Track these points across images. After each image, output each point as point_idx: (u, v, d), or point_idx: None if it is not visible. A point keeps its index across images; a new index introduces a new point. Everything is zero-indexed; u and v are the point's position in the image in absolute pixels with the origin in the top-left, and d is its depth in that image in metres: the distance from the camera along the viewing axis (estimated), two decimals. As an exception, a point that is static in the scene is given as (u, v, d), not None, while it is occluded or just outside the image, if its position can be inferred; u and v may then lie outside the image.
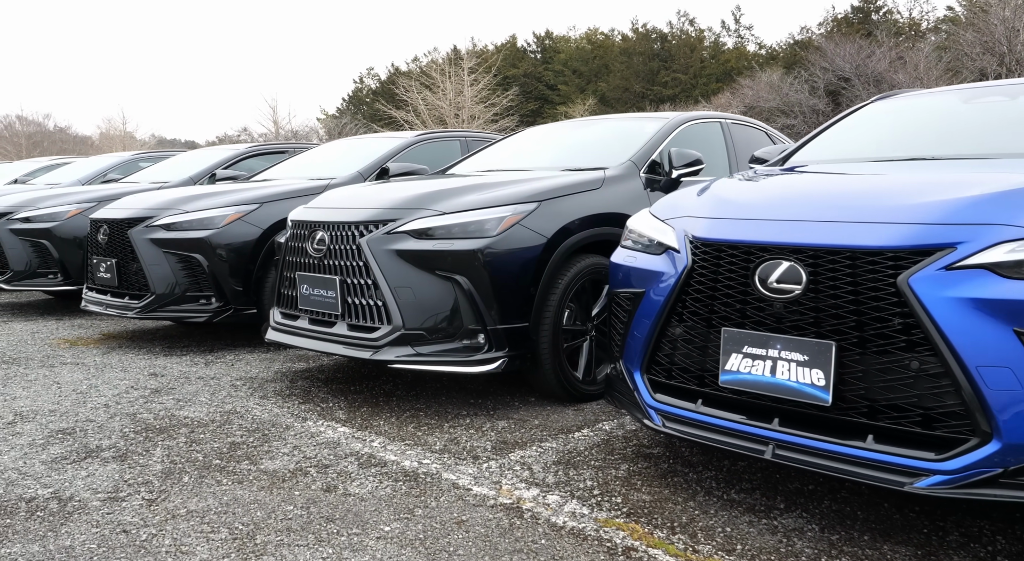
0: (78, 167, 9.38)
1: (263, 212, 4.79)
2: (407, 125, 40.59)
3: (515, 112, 43.42)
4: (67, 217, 6.27)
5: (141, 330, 5.53)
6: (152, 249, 4.67)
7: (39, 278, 6.26)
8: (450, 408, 3.40)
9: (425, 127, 40.39)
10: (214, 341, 5.06)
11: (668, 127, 4.18)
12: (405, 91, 40.29)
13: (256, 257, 4.73)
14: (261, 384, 3.88)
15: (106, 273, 4.90)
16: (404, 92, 40.35)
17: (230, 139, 51.83)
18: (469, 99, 40.68)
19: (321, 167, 5.94)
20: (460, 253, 3.17)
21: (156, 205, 4.85)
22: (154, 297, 4.65)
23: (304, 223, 3.61)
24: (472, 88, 40.47)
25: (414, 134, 5.94)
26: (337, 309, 3.40)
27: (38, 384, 3.90)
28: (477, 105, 41.07)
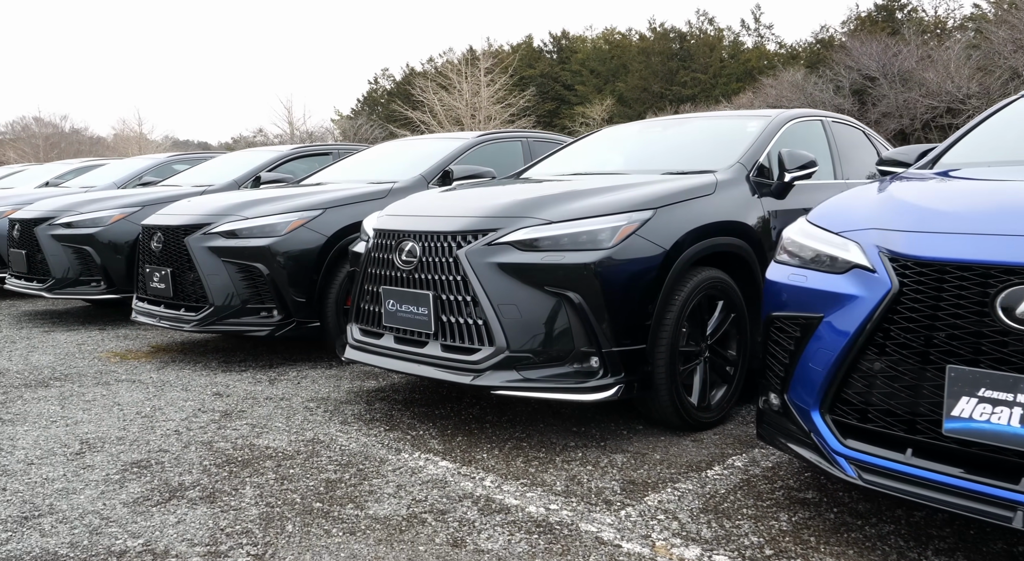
0: (112, 169, 9.16)
1: (327, 218, 4.50)
2: (423, 126, 40.39)
3: (532, 112, 43.12)
4: (111, 222, 6.02)
5: (191, 342, 5.26)
6: (211, 258, 4.38)
7: (81, 286, 6.01)
8: (554, 438, 3.08)
9: (441, 128, 40.15)
10: (271, 355, 4.77)
11: (774, 126, 3.84)
12: (422, 92, 40.09)
13: (320, 266, 4.43)
14: (337, 406, 3.59)
15: (160, 283, 4.63)
16: (421, 92, 40.14)
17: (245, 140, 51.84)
18: (486, 100, 40.41)
19: (379, 169, 5.65)
20: (572, 267, 2.85)
21: (214, 211, 4.57)
22: (212, 309, 4.36)
23: (390, 232, 3.30)
24: (489, 88, 40.20)
25: (475, 135, 5.63)
26: (430, 328, 3.09)
27: (98, 405, 3.62)
28: (494, 106, 40.81)
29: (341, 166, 6.05)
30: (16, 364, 4.58)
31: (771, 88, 38.04)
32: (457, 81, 40.35)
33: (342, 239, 4.51)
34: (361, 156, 6.24)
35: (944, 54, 33.44)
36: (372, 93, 61.35)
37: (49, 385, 4.04)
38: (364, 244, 3.62)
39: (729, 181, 3.42)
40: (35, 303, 7.34)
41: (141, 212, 6.11)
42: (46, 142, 49.16)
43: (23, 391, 3.91)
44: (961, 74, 31.06)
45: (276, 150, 7.37)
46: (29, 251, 6.20)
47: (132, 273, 6.00)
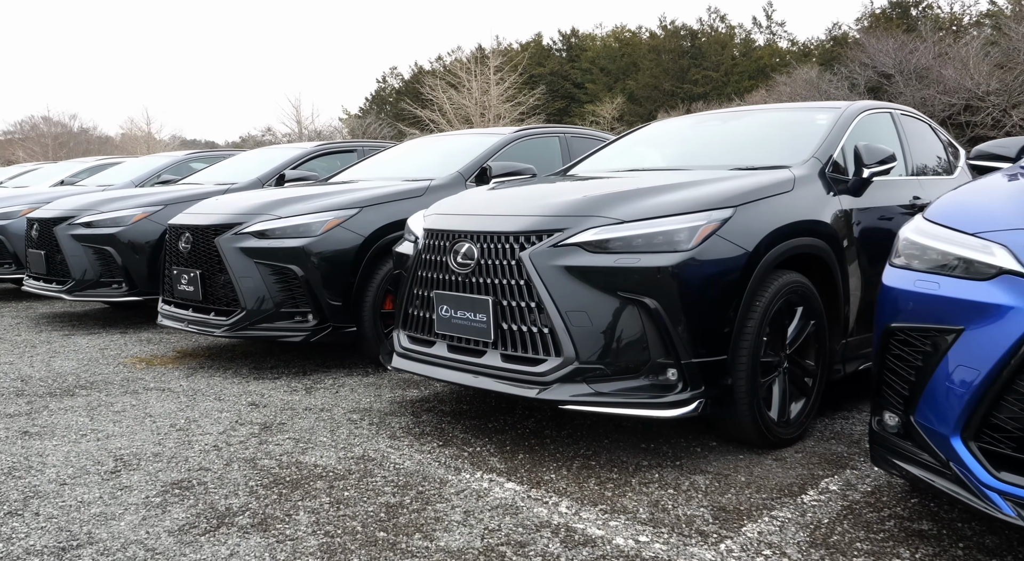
0: (128, 168, 8.98)
1: (363, 217, 4.28)
2: (432, 124, 40.21)
3: (541, 111, 42.88)
4: (132, 222, 5.82)
5: (218, 347, 5.05)
6: (243, 259, 4.17)
7: (102, 288, 5.81)
8: (623, 455, 2.85)
9: (451, 127, 39.96)
10: (304, 361, 4.55)
11: (846, 118, 3.59)
12: (431, 90, 39.90)
13: (356, 268, 4.21)
14: (382, 418, 3.36)
15: (188, 286, 4.42)
16: (430, 91, 39.95)
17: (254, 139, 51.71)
18: (495, 98, 40.19)
19: (412, 167, 5.42)
20: (648, 270, 2.61)
21: (245, 210, 4.35)
22: (244, 314, 4.15)
23: (443, 233, 3.07)
24: (498, 87, 39.97)
25: (511, 130, 5.40)
26: (489, 336, 2.86)
27: (128, 417, 3.41)
28: (503, 104, 40.60)
29: (370, 163, 5.83)
30: (39, 371, 4.38)
31: (785, 86, 37.67)
32: (466, 79, 40.14)
33: (379, 239, 4.29)
34: (390, 153, 6.01)
35: (962, 51, 32.99)
36: (380, 92, 61.20)
37: (75, 394, 3.84)
38: (410, 245, 3.39)
39: (806, 177, 3.17)
40: (52, 305, 7.15)
41: (164, 211, 5.91)
42: (55, 141, 49.18)
43: (48, 401, 3.70)
44: (980, 71, 30.60)
45: (299, 147, 7.16)
46: (48, 252, 6.01)
47: (154, 274, 5.80)
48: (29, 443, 3.04)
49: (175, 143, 50.64)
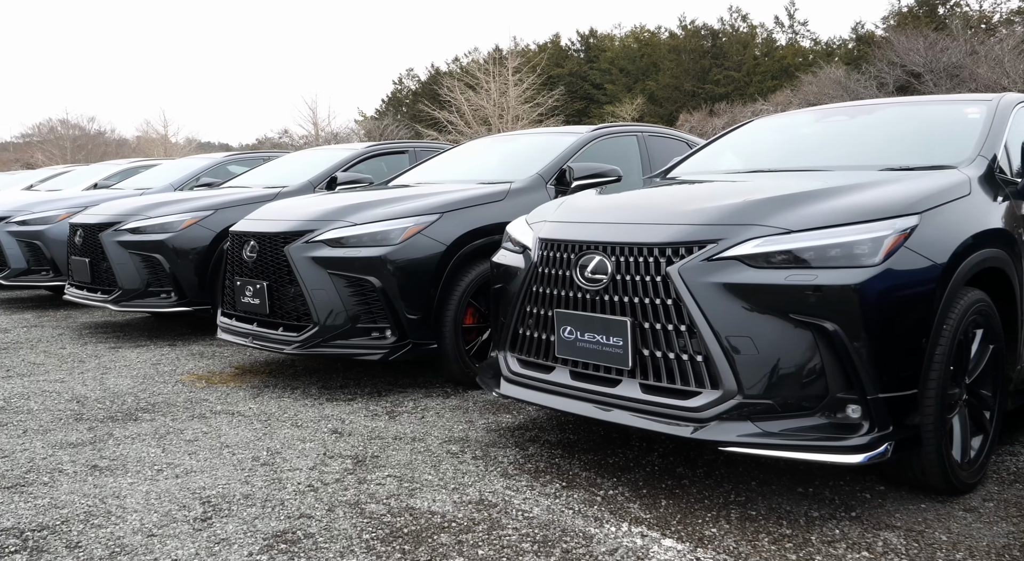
0: (165, 171, 8.69)
1: (445, 223, 3.92)
2: (450, 126, 39.95)
3: (560, 112, 42.49)
4: (182, 227, 5.50)
5: (278, 363, 4.71)
6: (315, 270, 3.82)
7: (150, 298, 5.50)
8: (784, 503, 2.46)
9: (469, 128, 39.69)
10: (374, 380, 4.20)
11: (1003, 112, 3.16)
12: (449, 91, 39.65)
13: (438, 279, 3.85)
14: (484, 450, 2.99)
15: (253, 298, 4.08)
16: (448, 92, 39.70)
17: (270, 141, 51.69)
18: (513, 99, 39.88)
19: (482, 168, 5.07)
20: (828, 289, 2.23)
21: (316, 216, 4.00)
22: (317, 329, 3.80)
23: (565, 243, 2.70)
24: (516, 88, 39.65)
25: (588, 129, 5.02)
26: (626, 363, 2.49)
27: (203, 447, 3.07)
28: (522, 105, 40.29)
29: (432, 166, 5.48)
30: (93, 390, 4.06)
31: (811, 85, 37.04)
32: (484, 81, 39.86)
33: (462, 248, 3.93)
34: (453, 154, 5.66)
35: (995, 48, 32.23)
36: (396, 93, 61.06)
37: (138, 418, 3.51)
38: (513, 255, 3.03)
39: (978, 179, 2.77)
40: (92, 314, 6.87)
41: (215, 216, 5.59)
42: (73, 144, 49.42)
43: (111, 426, 3.37)
44: (1016, 69, 29.87)
45: (349, 148, 6.83)
46: (93, 259, 5.71)
47: (205, 283, 5.48)
48: (101, 480, 2.70)
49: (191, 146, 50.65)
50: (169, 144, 49.52)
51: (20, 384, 4.20)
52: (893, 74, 34.40)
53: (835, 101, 35.13)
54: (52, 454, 3.00)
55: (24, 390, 4.06)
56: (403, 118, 52.15)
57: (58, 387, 4.13)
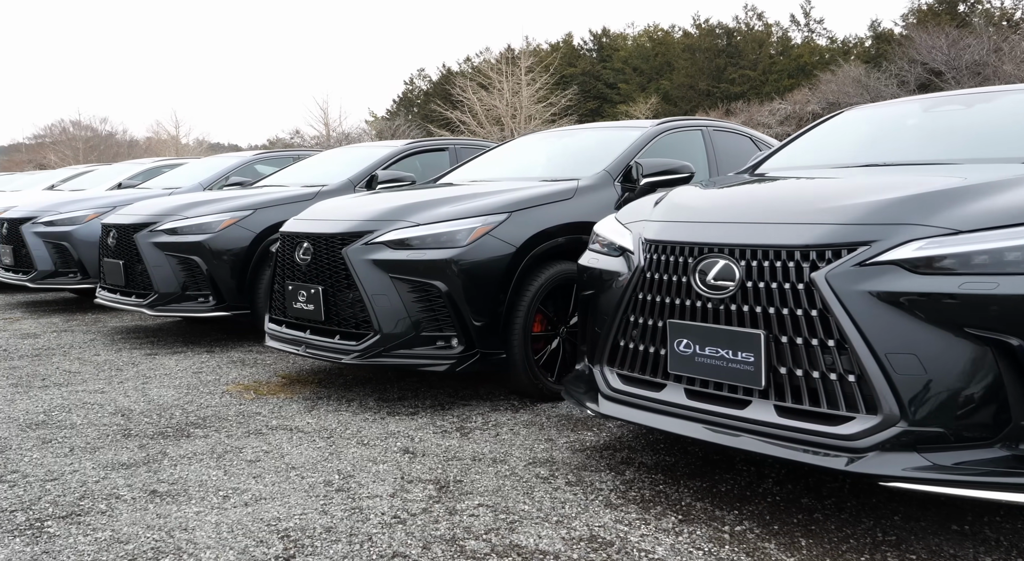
0: (193, 170, 8.47)
1: (513, 224, 3.64)
2: (463, 126, 39.71)
3: (574, 112, 42.18)
4: (220, 228, 5.25)
5: (324, 371, 4.45)
6: (376, 273, 3.54)
7: (188, 302, 5.25)
8: (940, 542, 2.16)
9: (482, 128, 39.46)
10: (433, 390, 3.92)
11: None
12: (462, 91, 39.43)
13: (507, 284, 3.57)
14: (577, 475, 2.71)
15: (307, 304, 3.81)
16: (461, 92, 39.48)
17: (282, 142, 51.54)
18: (526, 99, 39.61)
19: (541, 165, 4.79)
20: (1011, 300, 1.94)
21: (374, 215, 3.72)
22: (379, 338, 3.52)
23: (679, 245, 2.40)
24: (529, 87, 39.38)
25: (653, 124, 4.71)
26: (758, 382, 2.20)
27: (267, 469, 2.80)
28: (535, 105, 40.02)
29: (481, 163, 5.20)
30: (136, 402, 3.81)
31: (831, 83, 36.56)
32: (497, 80, 39.61)
33: (532, 249, 3.65)
34: (503, 151, 5.37)
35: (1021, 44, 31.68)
36: (407, 93, 60.91)
37: (190, 434, 3.24)
38: (606, 257, 2.74)
39: None
40: (122, 318, 6.63)
41: (254, 216, 5.34)
42: (85, 144, 49.49)
43: (163, 444, 3.11)
44: (1044, 66, 29.35)
45: (389, 145, 6.56)
46: (127, 261, 5.46)
47: (244, 287, 5.23)
48: (164, 509, 2.43)
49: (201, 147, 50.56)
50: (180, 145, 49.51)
51: (59, 395, 3.96)
52: (914, 72, 33.90)
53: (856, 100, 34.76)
54: (105, 476, 2.74)
55: (64, 402, 3.81)
56: (414, 118, 51.96)
57: (99, 398, 3.88)
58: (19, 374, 4.47)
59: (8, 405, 3.75)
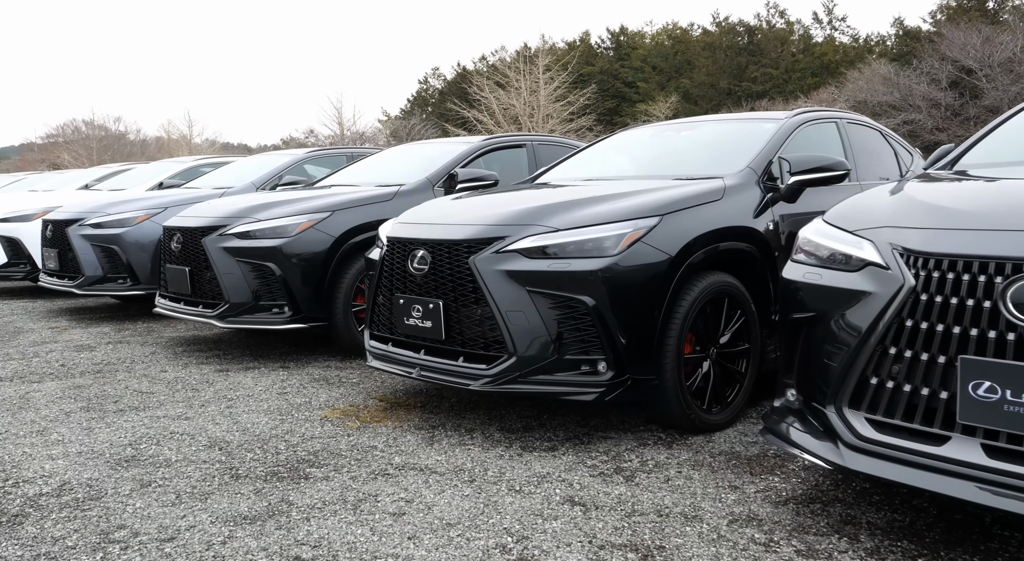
0: (240, 169, 8.02)
1: (667, 228, 3.14)
2: (480, 125, 39.27)
3: (592, 111, 41.66)
4: (297, 232, 4.80)
5: (419, 391, 3.98)
6: (510, 287, 3.06)
7: (261, 312, 4.80)
8: None
9: (499, 127, 38.98)
10: (560, 419, 3.43)
11: None
12: (479, 90, 39.00)
13: (662, 300, 3.09)
14: (801, 538, 2.22)
15: (423, 320, 3.33)
16: (478, 91, 39.06)
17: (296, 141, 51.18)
18: (544, 98, 39.14)
19: (662, 161, 4.29)
20: None
21: (502, 219, 3.23)
22: (514, 361, 3.04)
23: (975, 262, 1.92)
24: (547, 86, 38.89)
25: (787, 115, 4.19)
26: (1103, 439, 1.71)
27: (422, 527, 2.32)
28: (553, 104, 39.54)
29: (589, 158, 4.71)
30: (230, 431, 3.35)
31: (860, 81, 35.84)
32: (515, 79, 39.15)
33: (689, 257, 3.17)
34: (610, 145, 4.85)
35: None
36: (422, 93, 60.52)
37: (308, 475, 2.78)
38: (835, 273, 2.26)
39: None
40: (177, 327, 6.20)
41: (332, 219, 4.88)
42: (99, 144, 49.37)
43: (282, 489, 2.65)
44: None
45: (464, 142, 6.09)
46: (193, 268, 5.02)
47: (321, 296, 4.78)
48: (319, 588, 1.98)
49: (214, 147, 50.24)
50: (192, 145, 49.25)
51: (139, 422, 3.51)
52: (944, 69, 33.16)
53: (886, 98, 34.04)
54: (231, 535, 2.28)
55: (148, 431, 3.36)
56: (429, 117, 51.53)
57: (186, 426, 3.43)
58: (87, 395, 4.03)
59: (87, 435, 3.31)
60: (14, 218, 8.15)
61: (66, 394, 4.05)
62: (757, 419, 3.41)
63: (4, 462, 2.97)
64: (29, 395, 4.03)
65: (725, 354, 3.35)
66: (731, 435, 3.21)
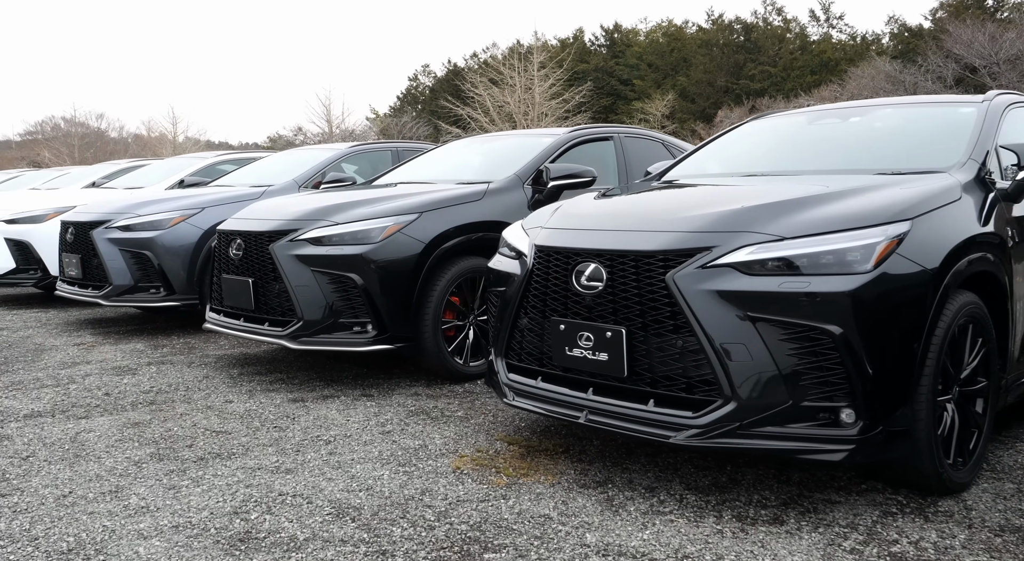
0: (277, 164, 7.25)
1: (922, 237, 2.49)
2: (474, 123, 38.59)
3: (587, 109, 41.09)
4: (383, 237, 4.11)
5: (549, 429, 3.31)
6: (728, 314, 2.37)
7: (341, 331, 4.10)
8: None
9: (494, 125, 38.29)
10: (751, 472, 2.77)
11: None
12: (473, 87, 38.30)
13: (921, 328, 2.41)
14: None
15: (597, 352, 2.58)
16: (472, 88, 38.35)
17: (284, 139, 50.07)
18: (538, 95, 38.51)
19: (848, 153, 3.63)
20: None
21: (707, 225, 2.55)
22: (734, 407, 2.34)
23: None
24: (542, 84, 38.27)
25: (981, 98, 3.58)
26: None
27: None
28: (548, 101, 38.93)
29: (723, 151, 4.04)
30: (353, 492, 2.65)
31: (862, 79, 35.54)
32: (509, 76, 38.49)
33: (946, 276, 2.52)
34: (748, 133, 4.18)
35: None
36: (411, 90, 59.60)
37: (494, 567, 2.12)
38: None
39: None
40: (219, 343, 5.47)
41: (419, 221, 4.21)
42: (81, 141, 48.11)
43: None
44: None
45: (549, 134, 5.41)
46: (259, 280, 4.30)
47: (409, 311, 4.09)
48: None
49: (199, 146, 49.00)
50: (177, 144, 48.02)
51: (231, 476, 2.80)
52: (949, 67, 32.91)
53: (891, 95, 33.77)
54: None
55: (249, 492, 2.66)
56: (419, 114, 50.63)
57: (293, 484, 2.73)
58: (151, 436, 3.32)
59: (175, 498, 2.60)
60: (22, 219, 7.36)
61: (125, 435, 3.34)
62: (1002, 476, 2.77)
63: (83, 543, 2.27)
64: (81, 437, 3.32)
65: (966, 393, 2.72)
66: (984, 497, 2.58)
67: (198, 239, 5.78)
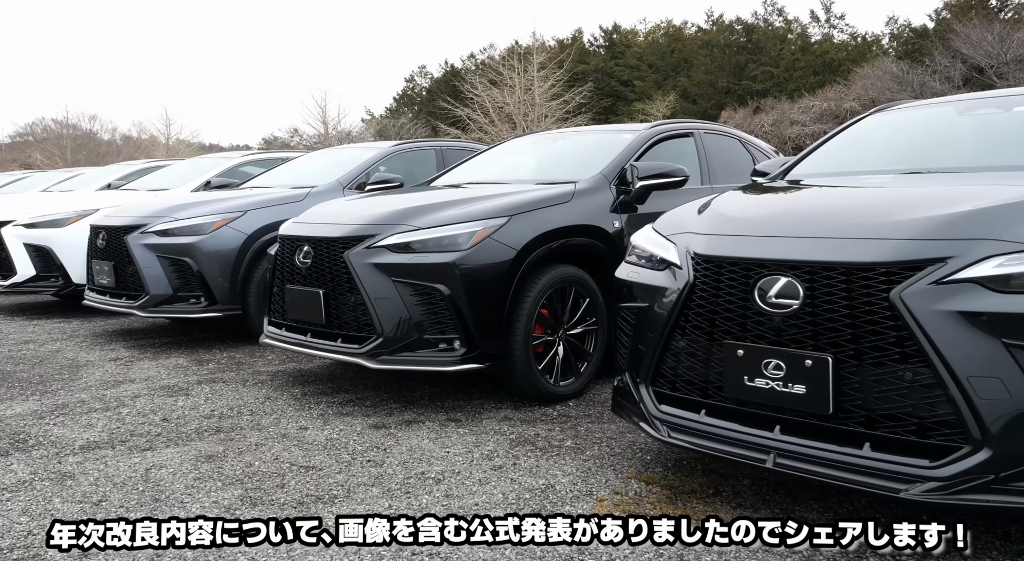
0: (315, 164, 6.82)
1: None
2: (473, 124, 38.17)
3: (587, 110, 40.73)
4: (471, 244, 3.67)
5: (676, 461, 2.88)
6: (975, 339, 1.94)
7: (427, 349, 3.65)
8: None
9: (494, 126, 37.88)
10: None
11: None
12: (472, 88, 37.87)
13: None
14: None
15: (791, 384, 2.15)
16: (471, 89, 37.92)
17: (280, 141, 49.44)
18: (539, 96, 38.11)
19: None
20: None
21: (935, 231, 2.13)
22: (988, 455, 1.92)
23: None
24: (542, 84, 37.88)
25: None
26: None
27: None
28: (548, 102, 38.55)
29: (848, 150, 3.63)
30: (499, 552, 2.23)
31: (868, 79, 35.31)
32: (508, 77, 38.07)
33: None
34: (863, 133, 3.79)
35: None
36: (408, 91, 59.07)
37: None
38: None
39: None
40: (267, 356, 5.02)
41: (509, 226, 3.77)
42: (74, 143, 47.46)
43: None
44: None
45: (631, 130, 4.97)
46: (330, 291, 3.83)
47: (500, 327, 3.66)
48: None
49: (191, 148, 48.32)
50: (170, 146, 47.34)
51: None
52: (956, 67, 32.71)
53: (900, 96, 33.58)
54: None
55: (379, 550, 2.22)
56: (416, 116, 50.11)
57: (411, 556, 2.30)
58: (232, 473, 2.86)
59: (288, 558, 2.17)
60: (42, 223, 6.87)
61: (202, 471, 2.89)
62: None
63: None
64: (153, 475, 2.86)
65: None
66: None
67: (241, 244, 5.34)
